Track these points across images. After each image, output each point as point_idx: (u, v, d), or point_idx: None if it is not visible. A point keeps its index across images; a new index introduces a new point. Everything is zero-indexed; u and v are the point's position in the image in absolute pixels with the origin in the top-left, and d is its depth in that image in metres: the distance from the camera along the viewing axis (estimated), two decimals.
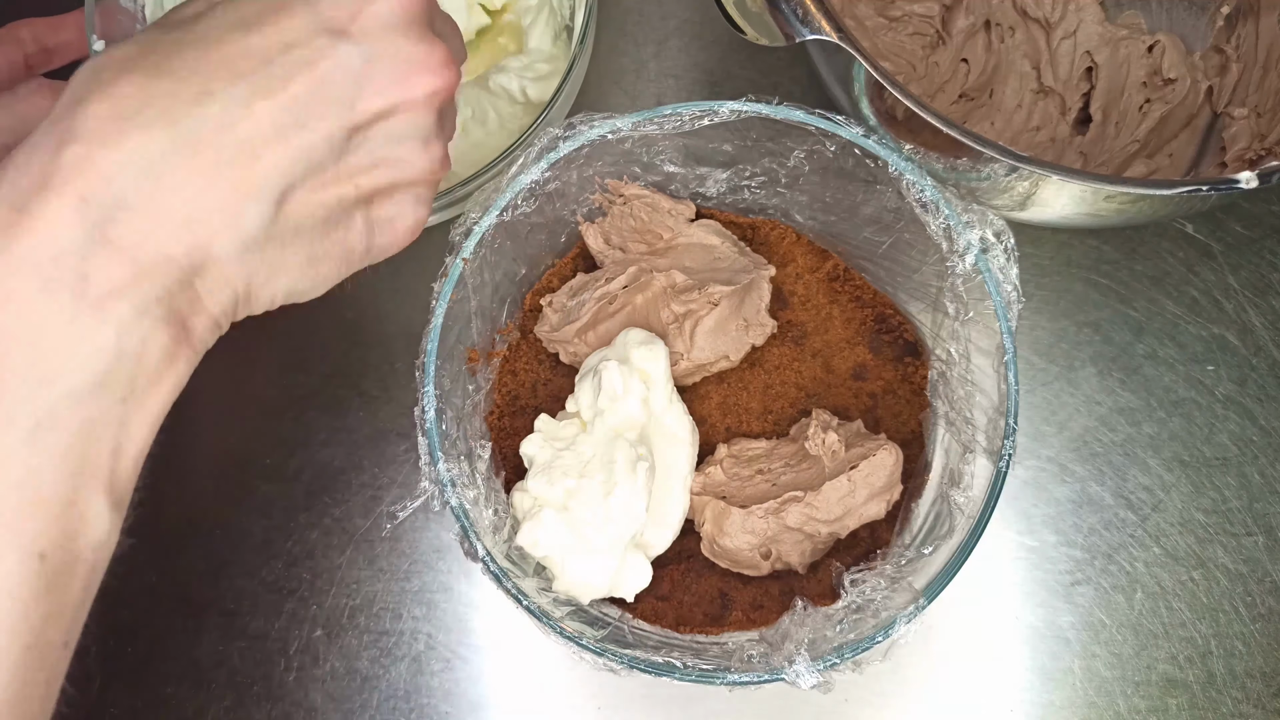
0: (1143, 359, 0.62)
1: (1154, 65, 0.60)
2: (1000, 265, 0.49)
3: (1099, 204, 0.49)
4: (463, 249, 0.51)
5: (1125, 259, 0.63)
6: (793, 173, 0.55)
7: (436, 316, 0.50)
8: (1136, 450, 0.61)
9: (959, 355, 0.52)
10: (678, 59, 0.67)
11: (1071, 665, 0.58)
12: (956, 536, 0.48)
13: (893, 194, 0.52)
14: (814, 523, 0.52)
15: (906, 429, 0.56)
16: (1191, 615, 0.59)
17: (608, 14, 0.67)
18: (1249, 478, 0.60)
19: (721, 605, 0.54)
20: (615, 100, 0.66)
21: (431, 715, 0.59)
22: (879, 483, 0.52)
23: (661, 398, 0.53)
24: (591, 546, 0.49)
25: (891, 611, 0.47)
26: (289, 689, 0.59)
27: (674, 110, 0.51)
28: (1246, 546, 0.59)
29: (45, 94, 0.50)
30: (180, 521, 0.61)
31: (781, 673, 0.46)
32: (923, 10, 0.62)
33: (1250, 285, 0.63)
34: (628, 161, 0.55)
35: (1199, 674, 0.58)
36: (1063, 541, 0.60)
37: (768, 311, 0.55)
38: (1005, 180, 0.48)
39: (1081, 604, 0.59)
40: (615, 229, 0.57)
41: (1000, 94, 0.62)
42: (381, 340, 0.64)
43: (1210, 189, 0.45)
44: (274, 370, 0.63)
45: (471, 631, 0.60)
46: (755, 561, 0.53)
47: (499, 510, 0.51)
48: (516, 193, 0.51)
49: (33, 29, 0.53)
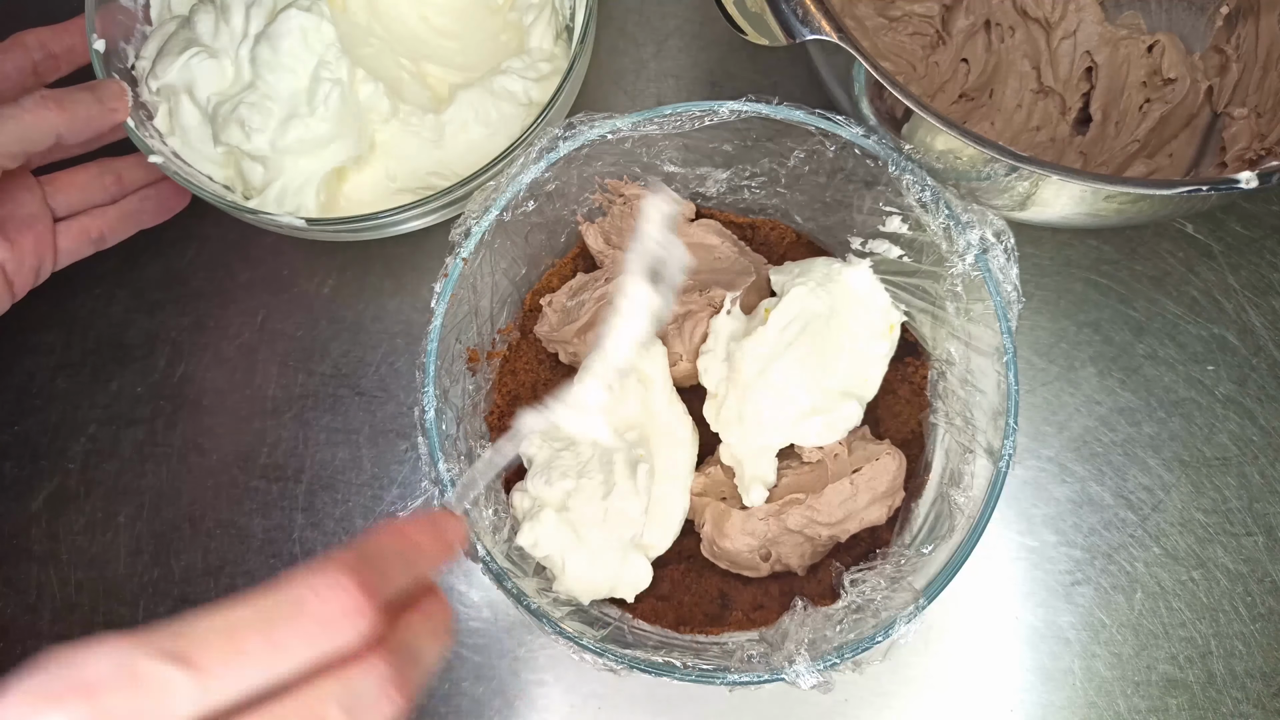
0: (1143, 359, 0.62)
1: (1154, 65, 0.60)
2: (1000, 265, 0.49)
3: (1099, 204, 0.48)
4: (463, 249, 0.51)
5: (1125, 259, 0.63)
6: (793, 173, 0.55)
7: (436, 316, 0.50)
8: (1136, 450, 0.61)
9: (959, 355, 0.52)
10: (678, 59, 0.67)
11: (1071, 665, 0.58)
12: (956, 536, 0.48)
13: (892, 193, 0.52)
14: (815, 525, 0.52)
15: (906, 429, 0.56)
16: (1191, 615, 0.59)
17: (608, 14, 0.67)
18: (1249, 478, 0.60)
19: (721, 605, 0.54)
20: (615, 100, 0.66)
21: (431, 715, 0.58)
22: (881, 487, 0.52)
23: (661, 398, 0.53)
24: (591, 547, 0.49)
25: (891, 611, 0.47)
26: None
27: (674, 110, 0.51)
28: (1246, 546, 0.59)
29: (49, 107, 0.50)
30: (180, 521, 0.61)
31: (781, 673, 0.46)
32: (923, 10, 0.62)
33: (1250, 285, 0.63)
34: (628, 161, 0.55)
35: (1199, 674, 0.58)
36: (1063, 541, 0.60)
37: None
38: (1005, 180, 0.48)
39: (1081, 604, 0.59)
40: (615, 229, 0.57)
41: (1000, 94, 0.62)
42: (381, 340, 0.64)
43: (1210, 189, 0.45)
44: (274, 370, 0.63)
45: (471, 631, 0.59)
46: (755, 563, 0.53)
47: (499, 510, 0.51)
48: (516, 193, 0.51)
49: (39, 36, 0.55)
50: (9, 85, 0.54)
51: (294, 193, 0.58)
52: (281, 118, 0.57)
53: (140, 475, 0.62)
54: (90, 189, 0.58)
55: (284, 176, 0.58)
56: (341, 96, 0.57)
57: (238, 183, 0.60)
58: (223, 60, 0.58)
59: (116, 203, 0.59)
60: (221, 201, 0.56)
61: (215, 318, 0.64)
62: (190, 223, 0.65)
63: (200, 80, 0.58)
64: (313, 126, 0.57)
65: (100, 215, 0.58)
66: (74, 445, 0.63)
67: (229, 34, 0.58)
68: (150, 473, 0.62)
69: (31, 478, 0.62)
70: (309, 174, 0.58)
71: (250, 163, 0.58)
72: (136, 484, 0.62)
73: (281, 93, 0.57)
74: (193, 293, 0.65)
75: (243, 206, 0.57)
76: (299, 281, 0.65)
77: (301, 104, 0.57)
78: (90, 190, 0.58)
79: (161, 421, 0.63)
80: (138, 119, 0.58)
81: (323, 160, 0.58)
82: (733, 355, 0.52)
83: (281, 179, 0.58)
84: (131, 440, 0.63)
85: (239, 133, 0.57)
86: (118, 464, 0.62)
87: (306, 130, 0.57)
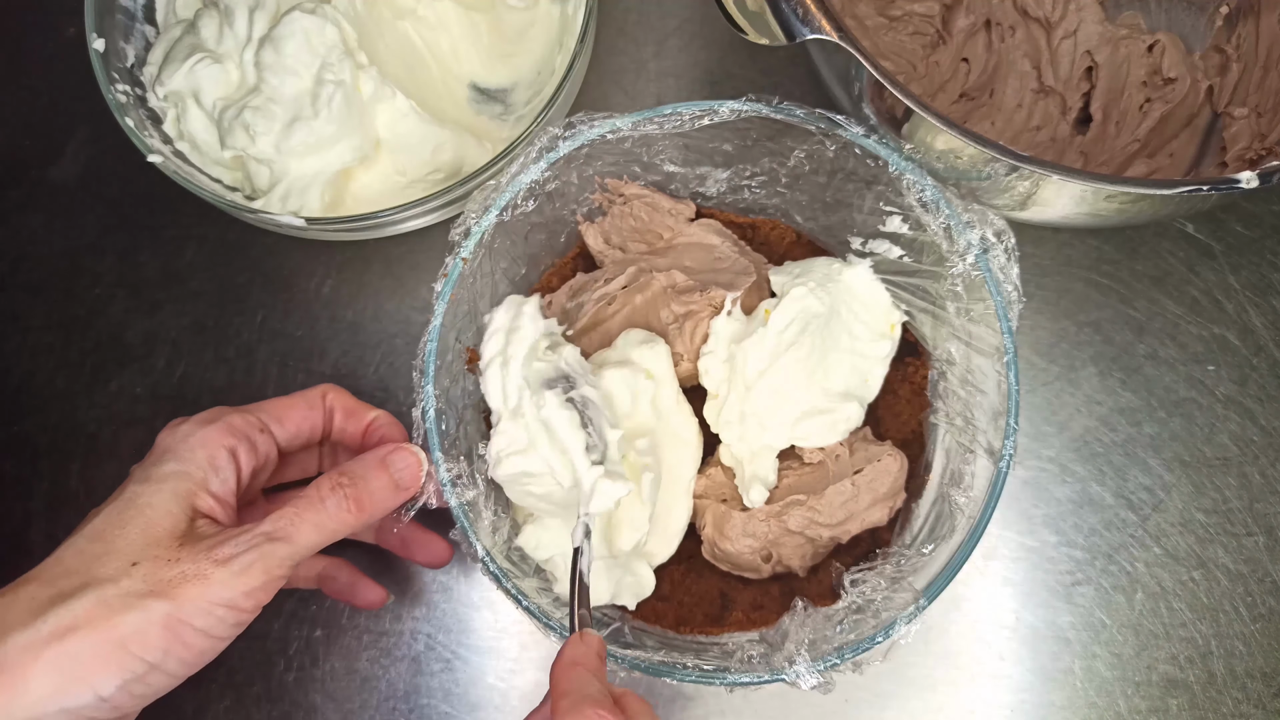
0: (1143, 359, 0.62)
1: (1154, 65, 0.60)
2: (1000, 265, 0.49)
3: (1099, 204, 0.48)
4: (463, 249, 0.50)
5: (1125, 259, 0.63)
6: (793, 172, 0.55)
7: (436, 316, 0.50)
8: (1137, 450, 0.61)
9: (959, 355, 0.52)
10: (678, 59, 0.67)
11: (1071, 665, 0.58)
12: (957, 536, 0.48)
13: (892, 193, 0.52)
14: (816, 526, 0.51)
15: (907, 429, 0.55)
16: (1192, 615, 0.59)
17: (608, 14, 0.67)
18: (1249, 478, 0.60)
19: (722, 606, 0.54)
20: (615, 100, 0.66)
21: (431, 715, 0.58)
22: (883, 488, 0.52)
23: (669, 397, 0.53)
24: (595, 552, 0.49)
25: (892, 612, 0.47)
26: (289, 689, 0.59)
27: (674, 110, 0.51)
28: (1247, 546, 0.59)
29: (350, 509, 0.46)
30: None
31: (782, 673, 0.46)
32: (923, 10, 0.62)
33: (1251, 285, 0.63)
34: (628, 161, 0.55)
35: (1199, 674, 0.58)
36: (1063, 541, 0.60)
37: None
38: (1006, 180, 0.48)
39: (1081, 604, 0.59)
40: (615, 228, 0.57)
41: (1000, 94, 0.62)
42: (381, 340, 0.64)
43: (1211, 189, 0.45)
44: (274, 370, 0.63)
45: (471, 631, 0.59)
46: (756, 565, 0.53)
47: (499, 510, 0.51)
48: (516, 192, 0.51)
49: (341, 400, 0.51)
50: (300, 441, 0.51)
51: (298, 193, 0.58)
52: (286, 121, 0.57)
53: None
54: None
55: (289, 178, 0.58)
56: (345, 97, 0.57)
57: (247, 185, 0.60)
58: (227, 65, 0.58)
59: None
60: (221, 201, 0.56)
61: (215, 318, 0.64)
62: (190, 223, 0.65)
63: (206, 86, 0.58)
64: (316, 128, 0.57)
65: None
66: (74, 445, 0.63)
67: (233, 38, 0.58)
68: None
69: (31, 478, 0.62)
70: (314, 175, 0.58)
71: (257, 165, 0.58)
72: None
73: (285, 96, 0.57)
74: (193, 293, 0.65)
75: (242, 206, 0.57)
76: (299, 281, 0.65)
77: (305, 106, 0.57)
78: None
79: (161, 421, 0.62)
80: (138, 119, 0.58)
81: (328, 161, 0.58)
82: (733, 356, 0.52)
83: (286, 180, 0.58)
84: (131, 440, 0.63)
85: (244, 137, 0.57)
86: (118, 464, 0.62)
87: (310, 132, 0.57)
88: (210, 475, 0.45)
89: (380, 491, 0.46)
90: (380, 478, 0.47)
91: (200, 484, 0.45)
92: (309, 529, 0.44)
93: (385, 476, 0.47)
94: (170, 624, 0.40)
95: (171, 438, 0.47)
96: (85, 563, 0.41)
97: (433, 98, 0.63)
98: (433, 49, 0.63)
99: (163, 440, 0.47)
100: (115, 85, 0.58)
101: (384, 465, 0.47)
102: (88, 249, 0.66)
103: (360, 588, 0.55)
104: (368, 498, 0.46)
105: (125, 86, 0.59)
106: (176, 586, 0.41)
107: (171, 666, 0.41)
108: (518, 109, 0.65)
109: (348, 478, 0.46)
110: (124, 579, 0.41)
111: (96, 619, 0.40)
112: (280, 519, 0.44)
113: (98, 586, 0.40)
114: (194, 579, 0.41)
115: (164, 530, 0.43)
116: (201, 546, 0.42)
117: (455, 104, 0.64)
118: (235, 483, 0.46)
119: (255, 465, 0.47)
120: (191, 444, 0.46)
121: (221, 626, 0.42)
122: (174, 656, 0.41)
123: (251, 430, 0.47)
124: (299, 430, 0.50)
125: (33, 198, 0.66)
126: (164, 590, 0.41)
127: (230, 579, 0.41)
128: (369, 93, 0.58)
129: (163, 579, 0.41)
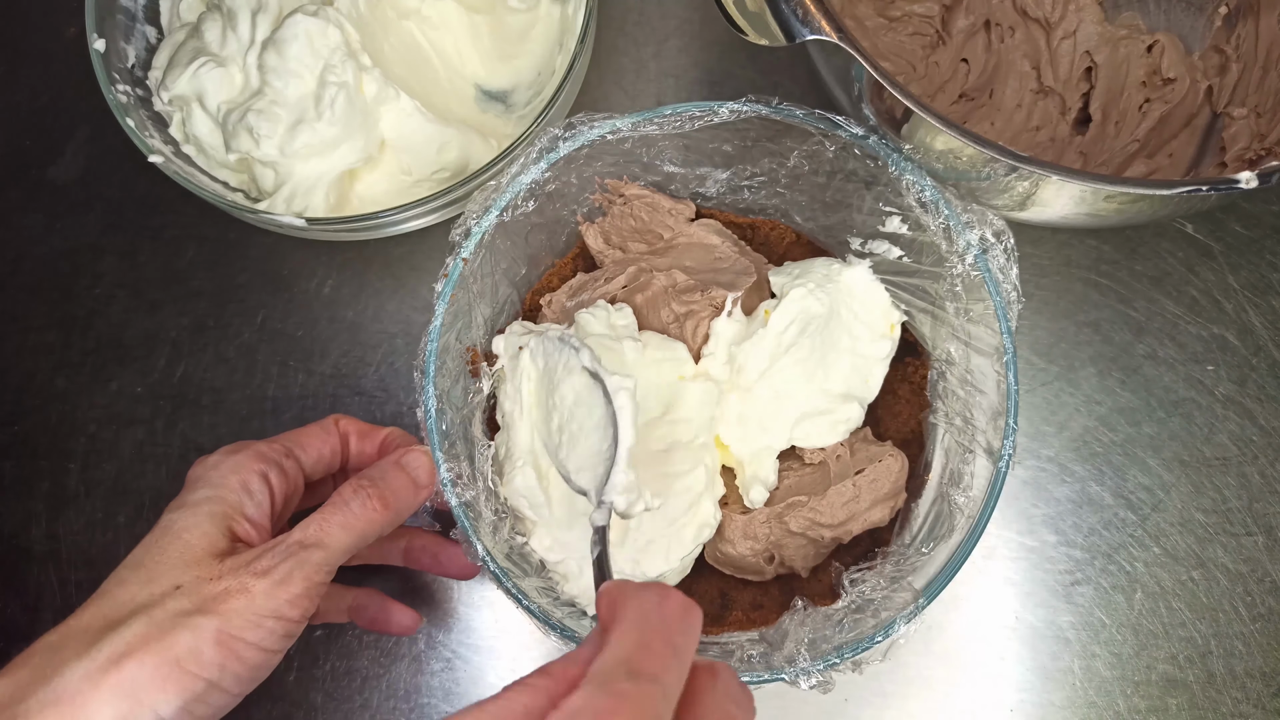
0: (1143, 359, 0.62)
1: (1153, 65, 0.60)
2: (1000, 265, 0.49)
3: (1099, 204, 0.48)
4: (463, 249, 0.51)
5: (1125, 259, 0.63)
6: (793, 173, 0.55)
7: (436, 316, 0.50)
8: (1136, 450, 0.61)
9: (959, 355, 0.52)
10: (678, 59, 0.67)
11: (1071, 665, 0.58)
12: (956, 536, 0.48)
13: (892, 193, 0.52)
14: (817, 527, 0.52)
15: (906, 429, 0.56)
16: (1191, 615, 0.59)
17: (608, 14, 0.67)
18: (1249, 478, 0.60)
19: (721, 605, 0.54)
20: (615, 100, 0.66)
21: (431, 715, 0.58)
22: (884, 489, 0.52)
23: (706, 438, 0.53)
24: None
25: (891, 611, 0.47)
26: (289, 689, 0.59)
27: (674, 110, 0.51)
28: (1246, 546, 0.59)
29: (375, 507, 0.46)
30: None
31: (781, 672, 0.46)
32: (923, 10, 0.62)
33: (1250, 285, 0.63)
34: (628, 161, 0.55)
35: (1199, 674, 0.58)
36: (1063, 541, 0.60)
37: None
38: (1005, 180, 0.48)
39: (1081, 604, 0.59)
40: (615, 229, 0.57)
41: (1000, 94, 0.62)
42: (381, 340, 0.64)
43: (1210, 189, 0.45)
44: (274, 370, 0.63)
45: (471, 631, 0.59)
46: (759, 567, 0.53)
47: (499, 510, 0.51)
48: (516, 193, 0.51)
49: (354, 426, 0.52)
50: (322, 467, 0.51)
51: (303, 195, 0.58)
52: (289, 123, 0.57)
53: (140, 475, 0.62)
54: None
55: (294, 180, 0.58)
56: (348, 99, 0.57)
57: (253, 187, 0.60)
58: (231, 68, 0.58)
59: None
60: (221, 201, 0.56)
61: (215, 318, 0.64)
62: (190, 223, 0.65)
63: (210, 89, 0.58)
64: (320, 130, 0.57)
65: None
66: (74, 445, 0.63)
67: (236, 41, 0.59)
68: (150, 473, 0.62)
69: (31, 478, 0.62)
70: (318, 176, 0.58)
71: (262, 168, 0.58)
72: (136, 484, 0.62)
73: (289, 98, 0.57)
74: (193, 293, 0.65)
75: (243, 207, 0.57)
76: (299, 281, 0.65)
77: (309, 109, 0.57)
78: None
79: (161, 421, 0.63)
80: (139, 120, 0.58)
81: (332, 163, 0.58)
82: (734, 358, 0.52)
83: (291, 182, 0.58)
84: (131, 440, 0.63)
85: (248, 140, 0.57)
86: (117, 464, 0.62)
87: (314, 135, 0.57)
88: (244, 499, 0.45)
89: (402, 490, 0.47)
90: (399, 477, 0.47)
91: (235, 508, 0.45)
92: (338, 530, 0.44)
93: (404, 476, 0.47)
94: (222, 639, 0.41)
95: (202, 468, 0.47)
96: (130, 591, 0.42)
97: (438, 96, 0.63)
98: (437, 48, 0.63)
99: (194, 473, 0.47)
100: (116, 85, 0.58)
101: (400, 466, 0.48)
102: (88, 249, 0.66)
103: (392, 613, 0.55)
104: (391, 495, 0.46)
105: (126, 87, 0.59)
106: (221, 602, 0.41)
107: (229, 683, 0.41)
108: (518, 109, 0.65)
109: (368, 480, 0.46)
110: (170, 600, 0.41)
111: (150, 641, 0.40)
112: (309, 526, 0.44)
113: (146, 611, 0.41)
114: (237, 593, 0.41)
115: (202, 550, 0.43)
116: (240, 561, 0.43)
117: (461, 102, 0.64)
118: (270, 505, 0.46)
119: (286, 490, 0.48)
120: (223, 470, 0.46)
121: (272, 638, 0.42)
122: (230, 672, 0.41)
123: (279, 456, 0.48)
124: (320, 455, 0.50)
125: (33, 198, 0.66)
126: (210, 607, 0.41)
127: (272, 589, 0.42)
128: (372, 94, 0.58)
129: (207, 596, 0.41)
